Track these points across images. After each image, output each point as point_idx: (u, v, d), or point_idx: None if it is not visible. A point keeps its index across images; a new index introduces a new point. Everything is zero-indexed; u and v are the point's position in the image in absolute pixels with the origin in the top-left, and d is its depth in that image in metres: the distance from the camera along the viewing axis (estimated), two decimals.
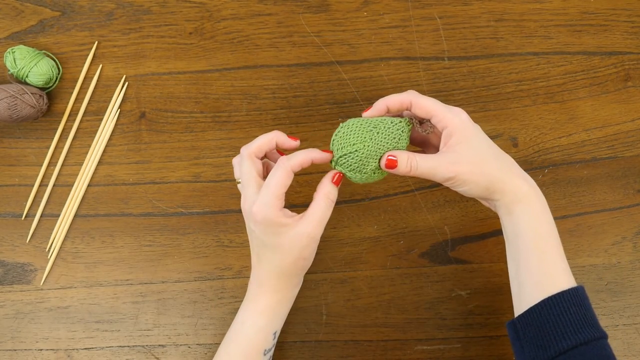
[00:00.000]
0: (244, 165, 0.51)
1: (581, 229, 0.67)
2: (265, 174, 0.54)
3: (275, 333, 0.54)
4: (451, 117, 0.51)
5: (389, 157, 0.51)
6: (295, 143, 0.53)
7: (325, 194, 0.50)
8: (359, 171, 0.51)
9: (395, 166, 0.50)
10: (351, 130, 0.51)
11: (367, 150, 0.51)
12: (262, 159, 0.53)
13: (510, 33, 0.69)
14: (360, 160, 0.51)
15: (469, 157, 0.50)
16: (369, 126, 0.51)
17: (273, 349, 0.55)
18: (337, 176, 0.51)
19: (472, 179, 0.50)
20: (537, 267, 0.50)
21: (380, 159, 0.51)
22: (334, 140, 0.52)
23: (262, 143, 0.52)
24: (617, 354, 0.48)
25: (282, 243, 0.50)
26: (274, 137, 0.52)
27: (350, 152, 0.51)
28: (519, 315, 0.51)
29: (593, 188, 0.68)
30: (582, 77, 0.69)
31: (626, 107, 0.69)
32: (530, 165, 0.68)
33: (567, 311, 0.48)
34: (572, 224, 0.67)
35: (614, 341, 0.65)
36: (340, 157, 0.51)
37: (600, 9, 0.70)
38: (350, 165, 0.51)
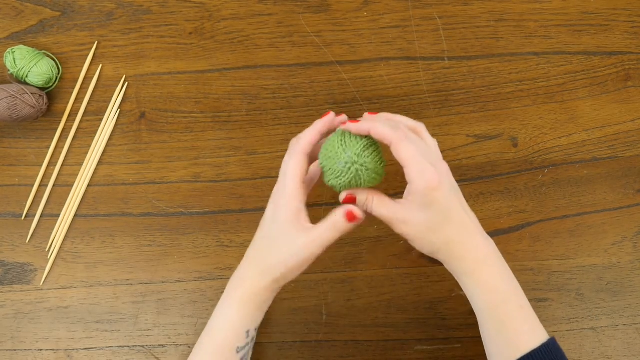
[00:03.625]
0: (291, 162, 0.50)
1: (581, 229, 0.67)
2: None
3: (248, 331, 0.52)
4: (416, 177, 0.48)
5: (349, 194, 0.50)
6: (341, 118, 0.51)
7: (333, 222, 0.50)
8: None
9: (354, 202, 0.50)
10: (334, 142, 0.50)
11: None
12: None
13: (510, 33, 0.69)
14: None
15: (420, 222, 0.49)
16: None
17: (248, 349, 0.53)
18: (348, 213, 0.49)
19: (417, 243, 0.50)
20: (498, 337, 0.50)
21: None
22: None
23: (311, 139, 0.50)
24: (617, 354, 0.47)
25: (281, 241, 0.50)
26: (320, 129, 0.51)
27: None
28: None
29: (593, 188, 0.68)
30: (582, 77, 0.69)
31: (626, 107, 0.69)
32: (530, 165, 0.68)
33: None
34: (572, 224, 0.67)
35: (614, 341, 0.65)
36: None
37: (600, 9, 0.70)
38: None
